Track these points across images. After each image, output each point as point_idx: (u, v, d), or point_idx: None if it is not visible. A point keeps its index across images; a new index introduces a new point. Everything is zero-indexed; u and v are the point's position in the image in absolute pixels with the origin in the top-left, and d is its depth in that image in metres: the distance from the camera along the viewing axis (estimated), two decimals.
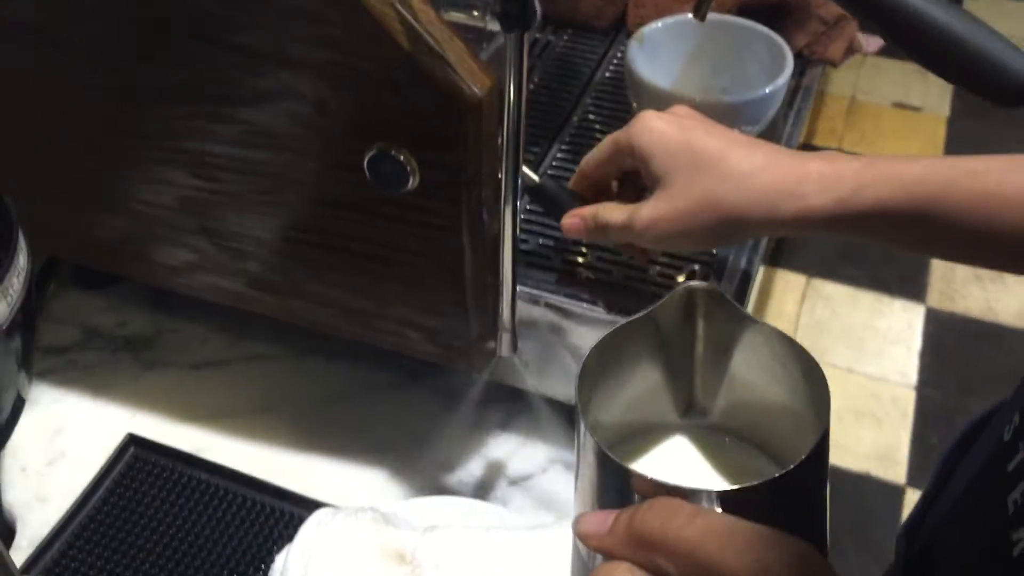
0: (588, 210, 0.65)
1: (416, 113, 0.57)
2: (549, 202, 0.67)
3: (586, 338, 0.70)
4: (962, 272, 2.44)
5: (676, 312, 0.45)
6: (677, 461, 0.48)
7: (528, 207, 0.75)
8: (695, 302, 0.45)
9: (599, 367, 0.44)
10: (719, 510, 0.37)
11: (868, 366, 2.23)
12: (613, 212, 0.64)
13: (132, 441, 0.73)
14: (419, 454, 0.74)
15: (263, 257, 0.69)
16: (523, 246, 0.73)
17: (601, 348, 0.44)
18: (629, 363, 0.46)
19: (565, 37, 0.90)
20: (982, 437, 0.55)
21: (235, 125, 0.62)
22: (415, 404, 0.78)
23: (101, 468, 0.72)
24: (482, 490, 0.72)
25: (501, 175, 0.59)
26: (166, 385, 0.79)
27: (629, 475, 0.39)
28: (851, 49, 0.88)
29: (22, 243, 0.43)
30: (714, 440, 0.48)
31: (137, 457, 0.73)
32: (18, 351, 0.43)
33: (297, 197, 0.65)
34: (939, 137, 2.73)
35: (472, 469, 0.74)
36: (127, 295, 0.85)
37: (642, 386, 0.47)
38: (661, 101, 0.74)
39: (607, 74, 0.88)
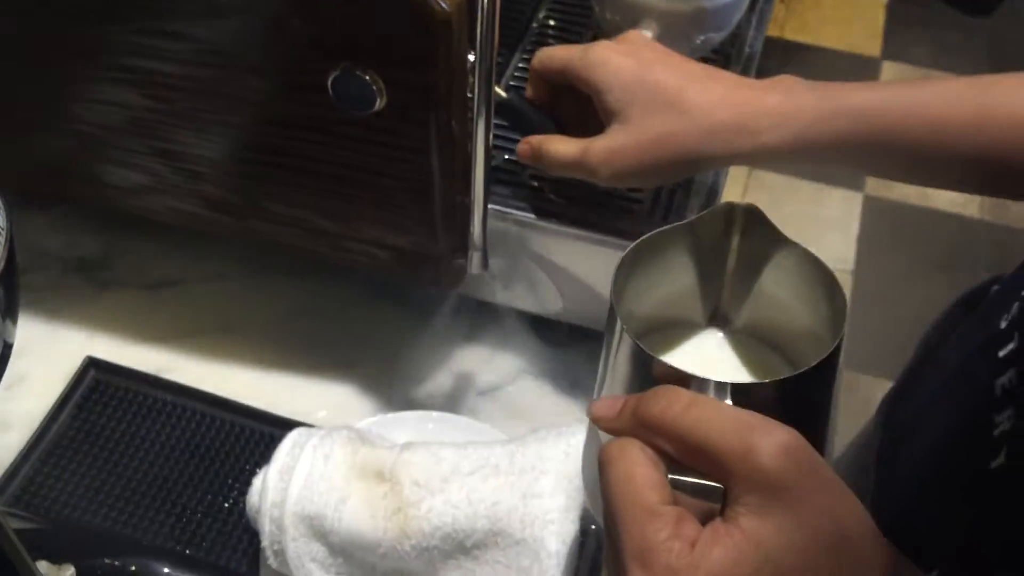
0: (536, 139, 0.64)
1: (383, 31, 0.55)
2: (515, 118, 0.66)
3: (553, 252, 0.70)
4: None
5: (716, 225, 0.48)
6: (701, 357, 0.51)
7: (494, 123, 0.74)
8: (735, 218, 0.47)
9: (635, 264, 0.47)
10: (729, 402, 0.40)
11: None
12: (563, 144, 0.63)
13: (92, 364, 0.72)
14: (386, 368, 0.74)
15: (221, 179, 0.67)
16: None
17: (639, 247, 0.47)
18: (664, 264, 0.49)
19: None
20: (971, 320, 0.57)
21: (186, 43, 0.59)
22: (380, 319, 0.77)
23: (62, 392, 0.71)
24: (451, 402, 0.73)
25: (472, 93, 0.58)
26: (122, 306, 0.77)
27: (650, 360, 0.42)
28: None
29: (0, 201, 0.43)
30: (738, 342, 0.52)
31: (98, 380, 0.72)
32: (3, 301, 0.42)
33: (256, 118, 0.62)
34: (879, 22, 2.73)
35: (441, 382, 0.74)
36: (74, 214, 0.82)
37: (674, 288, 0.50)
38: (627, 8, 0.73)
39: None
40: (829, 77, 0.59)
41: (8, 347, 0.45)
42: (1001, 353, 0.48)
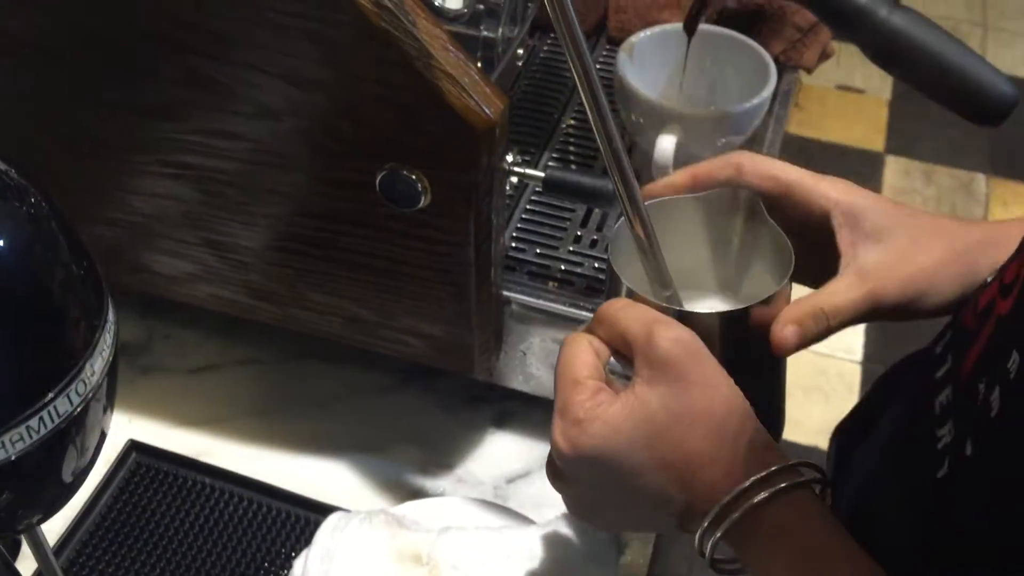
0: (799, 310, 0.52)
1: (430, 136, 0.58)
2: (560, 187, 0.68)
3: None
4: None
5: (722, 205, 0.55)
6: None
7: (523, 217, 0.77)
8: (739, 203, 0.55)
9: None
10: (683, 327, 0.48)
11: (817, 346, 2.30)
12: (837, 294, 0.53)
13: (133, 447, 0.74)
14: (418, 454, 0.77)
15: (265, 269, 0.71)
16: (520, 255, 0.75)
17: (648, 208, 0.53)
18: (673, 229, 0.55)
19: (548, 42, 0.92)
20: (920, 352, 0.59)
21: (240, 142, 0.63)
22: (411, 405, 0.80)
23: (104, 475, 0.73)
24: (481, 489, 0.75)
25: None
26: (163, 390, 0.80)
27: (622, 286, 0.52)
28: (824, 54, 0.92)
29: (109, 300, 0.47)
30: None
31: (139, 463, 0.74)
32: (107, 391, 0.46)
33: (303, 212, 0.66)
34: (882, 119, 2.80)
35: (470, 468, 0.76)
36: (116, 299, 0.84)
37: (686, 258, 0.57)
38: (653, 113, 0.77)
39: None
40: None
41: (103, 436, 0.48)
42: (938, 375, 0.51)
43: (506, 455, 0.77)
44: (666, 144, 0.74)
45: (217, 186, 0.66)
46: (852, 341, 2.29)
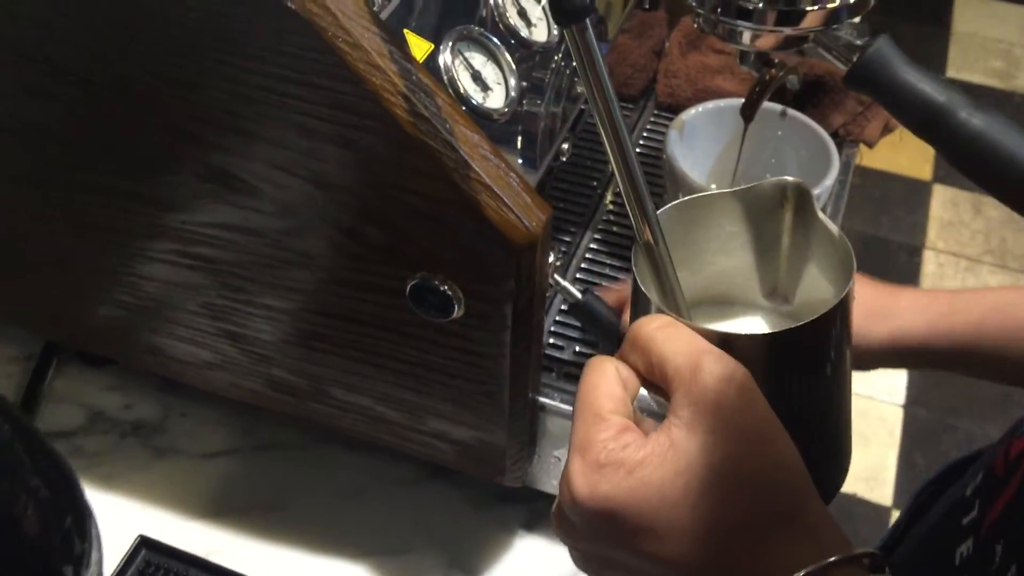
0: None
1: (466, 248, 0.54)
2: (589, 320, 0.64)
3: None
4: (952, 286, 2.44)
5: (766, 199, 0.48)
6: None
7: (562, 308, 0.72)
8: (787, 195, 0.48)
9: (677, 227, 0.47)
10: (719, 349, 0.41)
11: (857, 384, 2.23)
12: None
13: (143, 543, 0.70)
14: (440, 558, 0.72)
15: (288, 364, 0.66)
16: (557, 353, 0.70)
17: (679, 208, 0.48)
18: (712, 230, 0.49)
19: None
20: (954, 486, 0.55)
21: (261, 238, 0.59)
22: (435, 500, 0.75)
23: (113, 573, 0.69)
24: None
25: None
26: (176, 476, 0.76)
27: (650, 305, 0.45)
28: (887, 128, 0.86)
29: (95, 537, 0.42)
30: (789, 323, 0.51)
31: (148, 561, 0.70)
32: None
33: (329, 313, 0.61)
34: (929, 148, 2.72)
35: (498, 575, 0.71)
36: (133, 373, 0.81)
37: (729, 261, 0.50)
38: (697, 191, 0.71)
39: (637, 149, 0.85)
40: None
41: None
42: (964, 520, 0.48)
43: (535, 564, 0.72)
44: None
45: (236, 280, 0.62)
46: (895, 383, 2.22)
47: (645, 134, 0.86)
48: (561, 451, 0.68)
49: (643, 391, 0.44)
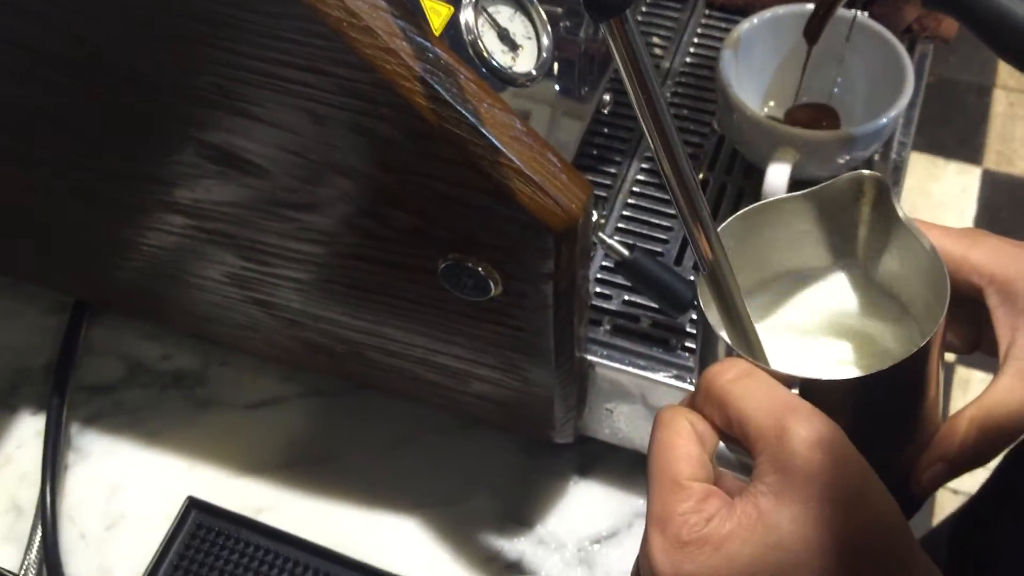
0: (966, 418, 0.44)
1: (499, 232, 0.49)
2: (638, 278, 0.59)
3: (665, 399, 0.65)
4: (1022, 130, 2.32)
5: (841, 196, 0.45)
6: (826, 312, 0.48)
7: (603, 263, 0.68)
8: (864, 189, 0.44)
9: (746, 235, 0.44)
10: (796, 391, 0.39)
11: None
12: (1001, 393, 0.44)
13: (192, 505, 0.69)
14: (493, 508, 0.70)
15: (321, 329, 0.63)
16: (604, 303, 0.65)
17: (746, 217, 0.44)
18: (784, 232, 0.46)
19: (640, 15, 0.79)
20: None
21: (282, 218, 0.55)
22: (485, 447, 0.73)
23: (164, 537, 0.68)
24: (563, 553, 0.69)
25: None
26: (220, 430, 0.74)
27: (718, 344, 0.41)
28: None
29: None
30: (868, 292, 0.47)
31: (199, 524, 0.69)
32: None
33: (358, 287, 0.58)
34: None
35: (551, 526, 0.70)
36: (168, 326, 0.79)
37: (800, 256, 0.47)
38: (763, 132, 0.65)
39: (687, 59, 0.78)
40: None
41: None
42: None
43: (591, 511, 0.70)
44: (778, 175, 0.63)
45: (258, 255, 0.58)
46: None
47: (696, 40, 0.79)
48: (612, 404, 0.65)
49: (722, 444, 0.40)
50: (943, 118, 2.29)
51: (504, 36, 0.50)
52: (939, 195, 2.22)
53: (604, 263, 0.67)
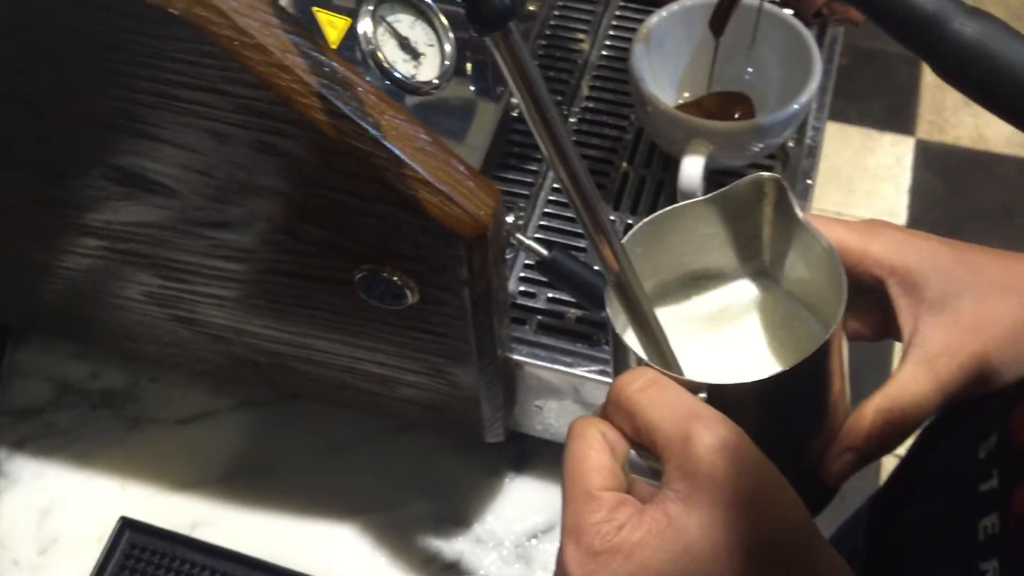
0: (874, 406, 0.45)
1: (411, 242, 0.49)
2: (557, 276, 0.60)
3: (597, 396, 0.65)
4: (953, 99, 2.36)
5: (743, 198, 0.45)
6: (734, 309, 0.49)
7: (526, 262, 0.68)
8: (764, 190, 0.45)
9: (653, 241, 0.45)
10: (704, 396, 0.39)
11: (858, 208, 2.19)
12: (908, 385, 0.45)
13: (126, 525, 0.69)
14: (430, 509, 0.71)
15: (245, 343, 0.63)
16: (529, 301, 0.66)
17: (653, 223, 0.45)
18: (691, 236, 0.46)
19: (558, 4, 0.79)
20: (960, 431, 0.53)
21: (195, 236, 0.54)
22: (421, 450, 0.73)
23: (98, 559, 0.68)
24: (501, 550, 0.69)
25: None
26: (153, 447, 0.74)
27: (629, 355, 0.42)
28: None
29: None
30: (778, 300, 0.48)
31: (133, 544, 0.68)
32: None
33: (278, 300, 0.57)
34: None
35: (488, 523, 0.70)
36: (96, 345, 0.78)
37: (709, 258, 0.48)
38: (676, 125, 0.66)
39: (604, 51, 0.78)
40: None
41: None
42: (982, 487, 0.44)
43: (527, 506, 0.71)
44: (692, 168, 0.63)
45: (175, 272, 0.58)
46: (896, 204, 2.18)
47: (612, 32, 0.79)
48: (541, 400, 0.66)
49: (633, 452, 0.40)
50: (875, 91, 2.33)
51: (405, 45, 0.50)
52: (875, 167, 2.26)
53: (528, 262, 0.67)
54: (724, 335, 0.48)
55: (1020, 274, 0.47)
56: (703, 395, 0.40)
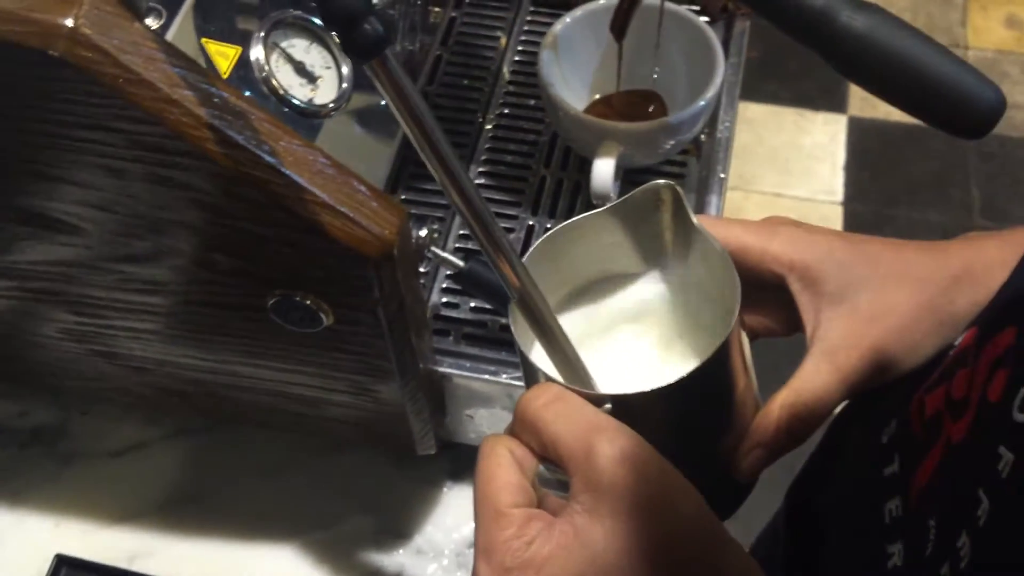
0: (778, 404, 0.46)
1: (319, 265, 0.49)
2: (475, 287, 0.60)
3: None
4: None
5: (642, 206, 0.46)
6: (644, 313, 0.50)
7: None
8: (660, 197, 0.46)
9: (555, 254, 0.46)
10: (609, 406, 0.41)
11: (795, 188, 2.22)
12: (811, 380, 0.46)
13: (62, 562, 0.68)
14: (369, 524, 0.71)
15: (169, 373, 0.62)
16: (453, 312, 0.66)
17: (553, 238, 0.45)
18: (595, 246, 0.47)
19: (465, 10, 0.79)
20: (873, 413, 0.54)
21: (105, 271, 0.54)
22: (358, 465, 0.73)
23: None
24: (441, 561, 0.69)
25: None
26: (87, 481, 0.73)
27: (536, 371, 0.43)
28: None
29: None
30: (684, 295, 0.49)
31: None
32: None
33: (195, 330, 0.57)
34: None
35: (428, 534, 0.70)
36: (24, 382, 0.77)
37: (615, 266, 0.49)
38: (586, 128, 0.66)
39: (517, 57, 0.78)
40: None
41: None
42: (886, 471, 0.46)
43: (466, 515, 0.71)
44: (603, 170, 0.64)
45: (89, 308, 0.57)
46: (832, 182, 2.22)
47: (523, 37, 0.79)
48: (471, 410, 0.66)
49: (542, 467, 0.41)
50: (807, 72, 2.36)
51: (301, 69, 0.50)
52: (810, 147, 2.29)
53: (448, 272, 0.68)
54: (636, 340, 0.49)
55: (915, 262, 0.48)
56: (608, 406, 0.40)
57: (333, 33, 0.51)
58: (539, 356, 0.44)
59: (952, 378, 0.40)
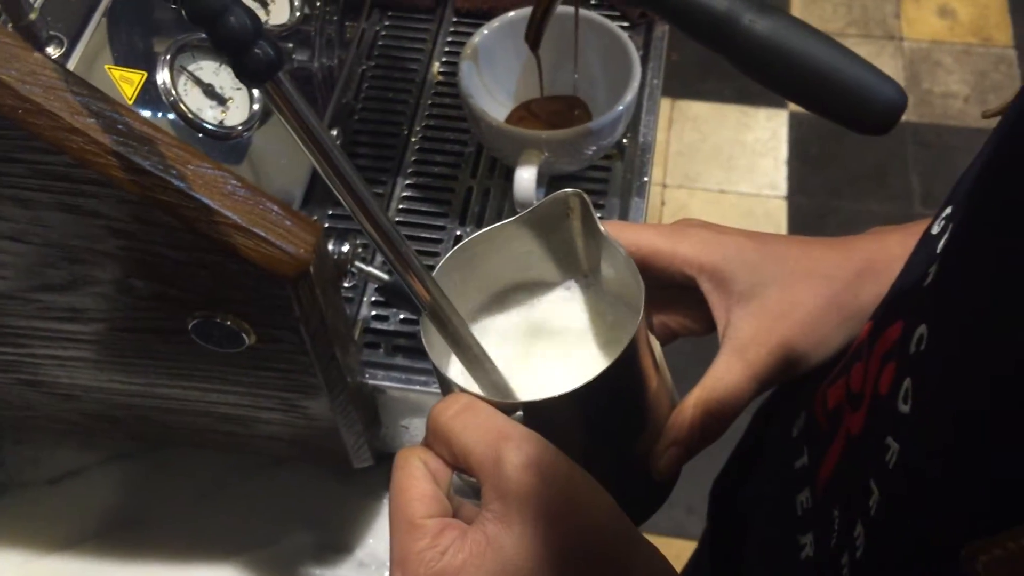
0: (692, 402, 0.46)
1: (237, 286, 0.49)
2: (400, 300, 0.61)
3: None
4: None
5: (551, 214, 0.46)
6: (561, 318, 0.50)
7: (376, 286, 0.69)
8: (569, 204, 0.46)
9: (466, 267, 0.46)
10: (521, 414, 0.41)
11: (740, 184, 2.25)
12: (723, 377, 0.47)
13: None
14: (311, 539, 0.71)
15: (97, 399, 0.62)
16: (382, 324, 0.66)
17: (465, 248, 0.46)
18: (507, 255, 0.48)
19: (387, 23, 0.80)
20: (776, 419, 0.55)
21: (22, 300, 0.54)
22: (298, 481, 0.73)
23: None
24: (384, 569, 0.70)
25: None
26: (24, 511, 0.72)
27: (448, 382, 0.43)
28: None
29: None
30: (602, 300, 0.50)
31: None
32: None
33: (119, 355, 0.57)
34: None
35: (370, 546, 0.71)
36: None
37: (529, 274, 0.49)
38: (507, 138, 0.67)
39: (440, 69, 0.79)
40: None
41: None
42: (796, 464, 0.47)
43: None
44: (526, 178, 0.65)
45: (9, 337, 0.57)
46: (776, 177, 2.24)
47: (447, 48, 0.80)
48: (407, 420, 0.67)
49: (457, 476, 0.42)
50: None
51: (210, 91, 0.50)
52: (752, 143, 2.32)
53: (376, 285, 0.68)
54: (552, 347, 0.49)
55: (821, 259, 0.50)
56: (520, 413, 0.41)
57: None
58: (454, 367, 0.45)
59: (850, 371, 0.41)
